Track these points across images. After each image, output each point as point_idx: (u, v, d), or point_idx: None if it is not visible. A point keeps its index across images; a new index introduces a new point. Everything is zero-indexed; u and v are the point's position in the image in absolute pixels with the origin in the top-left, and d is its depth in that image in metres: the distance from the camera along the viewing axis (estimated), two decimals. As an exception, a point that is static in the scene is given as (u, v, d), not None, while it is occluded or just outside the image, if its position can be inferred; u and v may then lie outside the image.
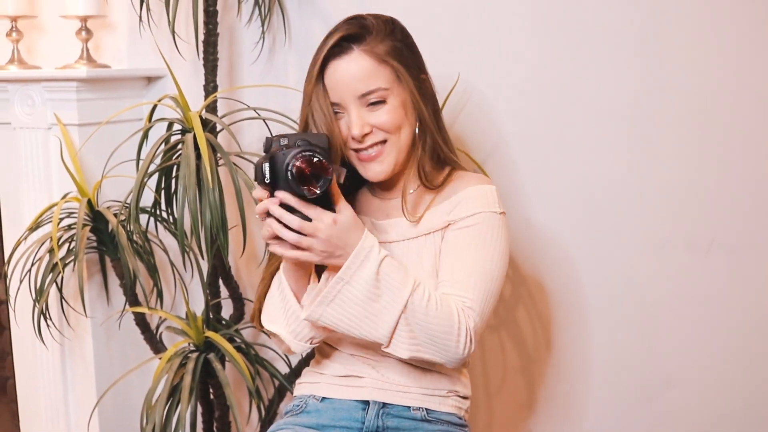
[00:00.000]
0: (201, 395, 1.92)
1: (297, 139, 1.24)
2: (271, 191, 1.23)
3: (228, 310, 2.01)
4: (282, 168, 1.20)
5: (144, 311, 1.91)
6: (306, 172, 1.19)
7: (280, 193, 1.21)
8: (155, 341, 1.97)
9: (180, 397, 1.70)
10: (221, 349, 1.77)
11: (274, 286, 1.37)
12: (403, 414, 1.37)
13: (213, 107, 1.86)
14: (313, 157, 1.19)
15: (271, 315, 1.37)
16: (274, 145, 1.25)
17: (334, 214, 1.23)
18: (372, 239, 1.26)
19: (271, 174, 1.22)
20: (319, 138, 1.26)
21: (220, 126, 1.77)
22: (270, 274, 1.39)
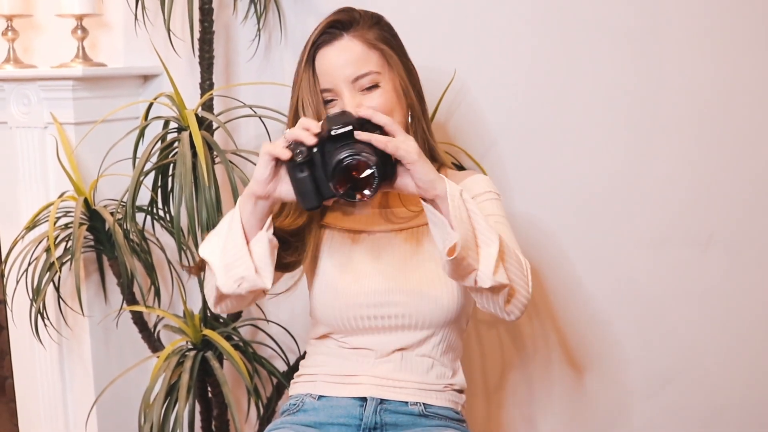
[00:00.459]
0: (199, 393, 1.92)
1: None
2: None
3: (226, 309, 2.00)
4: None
5: (141, 310, 1.91)
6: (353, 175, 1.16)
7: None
8: (153, 340, 1.97)
9: (178, 396, 1.70)
10: (219, 348, 1.77)
11: (224, 220, 1.29)
12: (400, 409, 1.36)
13: (209, 105, 1.86)
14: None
15: (210, 244, 1.29)
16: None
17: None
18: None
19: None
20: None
21: (216, 124, 1.77)
22: None
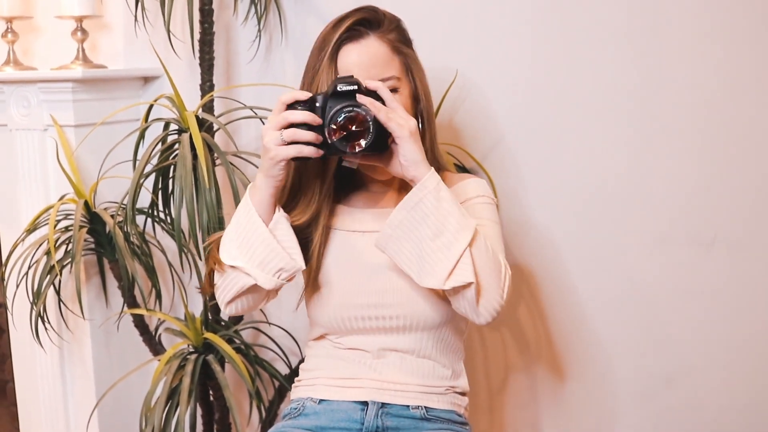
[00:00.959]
0: (201, 397, 1.91)
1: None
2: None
3: (227, 311, 2.00)
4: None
5: (142, 313, 1.90)
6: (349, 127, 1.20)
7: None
8: (154, 343, 1.97)
9: (179, 399, 1.69)
10: (220, 351, 1.76)
11: (240, 221, 1.29)
12: (402, 413, 1.35)
13: (209, 107, 1.86)
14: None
15: (231, 250, 1.29)
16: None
17: None
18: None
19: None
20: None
21: (216, 125, 1.76)
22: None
